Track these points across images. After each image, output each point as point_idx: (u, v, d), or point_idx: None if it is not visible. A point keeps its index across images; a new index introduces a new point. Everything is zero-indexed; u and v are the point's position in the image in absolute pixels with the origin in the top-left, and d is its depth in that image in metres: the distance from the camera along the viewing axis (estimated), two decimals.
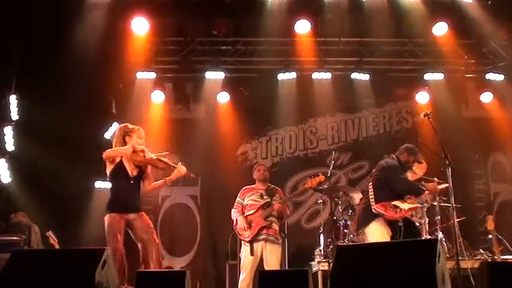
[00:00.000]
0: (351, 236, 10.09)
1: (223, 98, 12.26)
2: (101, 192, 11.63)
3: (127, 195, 7.40)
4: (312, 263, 10.15)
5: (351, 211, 10.36)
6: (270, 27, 11.17)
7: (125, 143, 7.46)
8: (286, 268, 9.70)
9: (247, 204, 9.13)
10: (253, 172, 9.48)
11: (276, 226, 9.02)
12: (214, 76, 12.04)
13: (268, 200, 9.08)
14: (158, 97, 11.93)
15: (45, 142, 10.39)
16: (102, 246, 5.69)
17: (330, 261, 8.92)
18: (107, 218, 7.32)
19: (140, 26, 10.84)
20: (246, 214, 9.05)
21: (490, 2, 11.21)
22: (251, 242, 8.86)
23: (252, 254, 8.82)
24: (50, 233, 9.48)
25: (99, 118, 11.54)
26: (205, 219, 12.35)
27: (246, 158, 12.74)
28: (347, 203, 10.57)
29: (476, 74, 12.63)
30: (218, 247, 12.07)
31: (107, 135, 11.72)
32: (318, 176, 9.16)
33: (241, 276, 8.87)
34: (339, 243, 9.77)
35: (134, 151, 7.39)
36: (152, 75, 11.86)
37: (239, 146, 12.77)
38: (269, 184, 9.35)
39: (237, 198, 9.31)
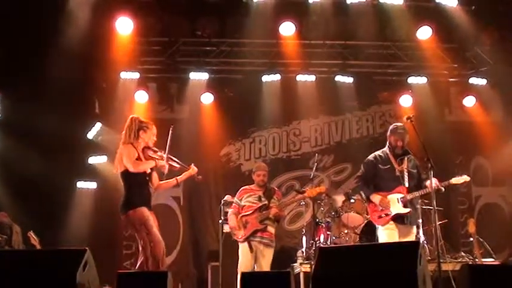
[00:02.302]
0: (333, 237, 10.13)
1: (207, 99, 12.23)
2: (83, 192, 11.62)
3: (146, 190, 7.38)
4: (294, 264, 10.17)
5: (333, 213, 10.40)
6: (254, 28, 11.17)
7: (137, 137, 7.40)
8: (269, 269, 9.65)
9: (244, 206, 8.99)
10: (253, 173, 9.29)
11: (271, 229, 8.91)
12: (199, 77, 12.01)
13: (266, 202, 8.94)
14: (142, 97, 11.87)
15: (28, 141, 10.35)
16: (84, 246, 5.63)
17: (312, 262, 8.91)
18: (138, 212, 7.14)
19: (124, 26, 10.79)
20: (242, 214, 8.92)
21: (473, 7, 11.29)
22: (248, 241, 8.76)
23: (251, 250, 8.74)
24: (31, 233, 9.45)
25: (82, 118, 11.50)
26: (187, 220, 12.33)
27: (229, 159, 12.74)
28: (329, 205, 10.62)
29: (459, 78, 12.70)
30: (200, 248, 12.08)
31: (90, 135, 11.68)
32: (319, 186, 9.10)
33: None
34: (321, 245, 9.80)
35: (146, 147, 7.45)
36: (136, 75, 11.80)
37: (222, 147, 12.76)
38: (267, 185, 9.25)
39: (235, 198, 9.17)
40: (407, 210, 7.71)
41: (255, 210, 8.88)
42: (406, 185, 7.78)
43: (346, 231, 10.23)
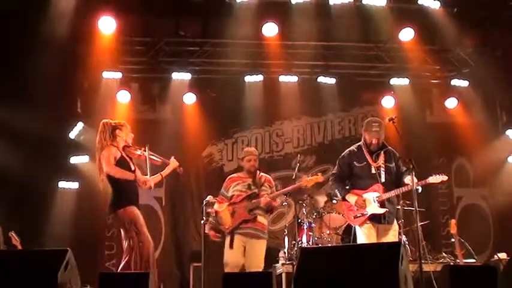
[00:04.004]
0: (315, 238, 10.14)
1: (190, 99, 12.21)
2: (64, 192, 11.55)
3: (134, 189, 7.41)
4: (276, 265, 10.16)
5: (315, 213, 10.41)
6: (237, 29, 11.17)
7: (114, 137, 7.40)
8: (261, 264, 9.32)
9: (232, 195, 8.44)
10: (241, 160, 8.79)
11: (262, 219, 8.38)
12: (181, 77, 11.98)
13: (255, 191, 8.39)
14: (124, 97, 11.82)
15: (9, 141, 10.26)
16: (65, 246, 5.61)
17: (294, 263, 8.90)
18: (127, 210, 7.19)
19: (107, 25, 10.75)
20: (230, 202, 8.40)
21: (455, 10, 11.36)
22: (231, 234, 8.24)
23: (231, 246, 8.21)
24: (12, 233, 9.37)
25: (64, 117, 11.43)
26: (169, 221, 12.29)
27: (212, 160, 12.72)
28: (311, 205, 10.63)
29: (441, 80, 12.79)
30: (182, 249, 12.05)
31: (72, 134, 11.62)
32: (316, 175, 8.59)
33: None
34: (303, 246, 9.81)
35: (126, 145, 7.47)
36: (118, 75, 11.74)
37: (205, 148, 12.73)
38: (258, 172, 8.65)
39: (222, 190, 8.65)
40: (383, 210, 7.55)
41: (244, 199, 8.34)
42: (383, 180, 7.62)
43: (328, 232, 10.25)
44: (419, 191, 7.44)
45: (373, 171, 7.70)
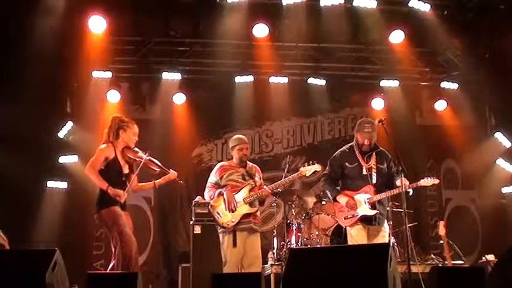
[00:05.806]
0: (304, 239, 10.15)
1: (180, 99, 12.19)
2: (53, 192, 11.50)
3: (123, 188, 7.33)
4: (265, 265, 10.15)
5: (304, 214, 10.42)
6: (228, 29, 11.17)
7: (117, 136, 7.37)
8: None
9: (226, 185, 7.91)
10: (231, 149, 8.25)
11: (259, 213, 8.08)
12: (171, 77, 11.97)
13: (251, 182, 7.97)
14: (114, 97, 11.78)
15: None
16: (53, 246, 5.59)
17: (283, 264, 8.90)
18: (110, 210, 7.15)
19: (97, 24, 10.72)
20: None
21: (445, 12, 11.40)
22: (234, 231, 7.73)
23: (235, 245, 7.71)
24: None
25: (53, 117, 11.40)
26: (158, 221, 12.27)
27: (201, 160, 12.70)
28: (300, 206, 10.63)
29: (430, 82, 12.82)
30: (171, 249, 12.03)
31: (61, 134, 11.58)
32: (313, 163, 8.15)
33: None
34: (292, 246, 9.81)
35: (126, 147, 7.41)
36: (108, 74, 11.71)
37: (194, 148, 12.71)
38: (247, 162, 8.22)
39: (212, 177, 8.12)
40: (374, 212, 7.56)
41: (240, 191, 7.89)
42: (374, 182, 7.63)
43: (317, 233, 10.25)
44: (411, 193, 7.47)
45: (365, 172, 7.71)
